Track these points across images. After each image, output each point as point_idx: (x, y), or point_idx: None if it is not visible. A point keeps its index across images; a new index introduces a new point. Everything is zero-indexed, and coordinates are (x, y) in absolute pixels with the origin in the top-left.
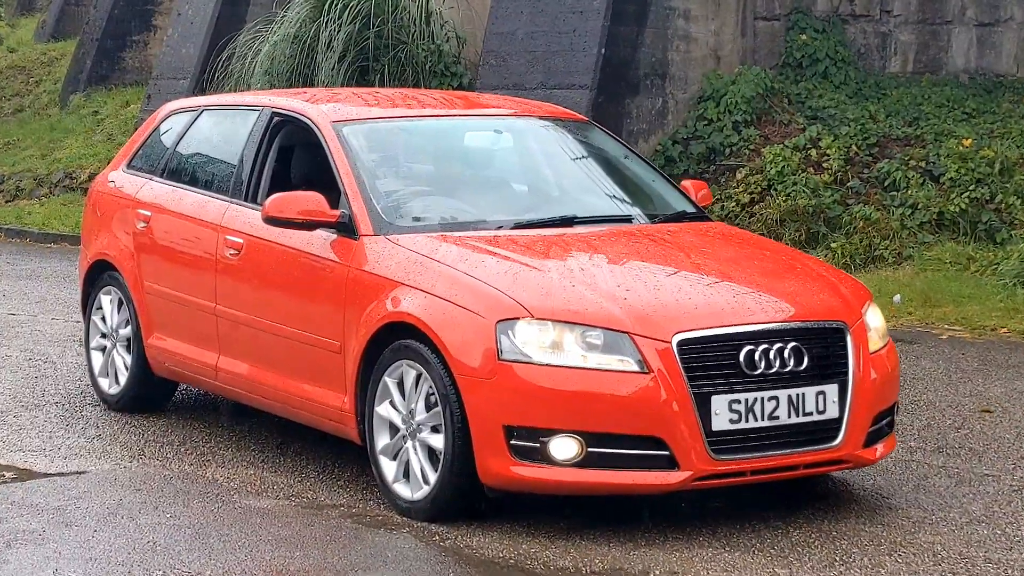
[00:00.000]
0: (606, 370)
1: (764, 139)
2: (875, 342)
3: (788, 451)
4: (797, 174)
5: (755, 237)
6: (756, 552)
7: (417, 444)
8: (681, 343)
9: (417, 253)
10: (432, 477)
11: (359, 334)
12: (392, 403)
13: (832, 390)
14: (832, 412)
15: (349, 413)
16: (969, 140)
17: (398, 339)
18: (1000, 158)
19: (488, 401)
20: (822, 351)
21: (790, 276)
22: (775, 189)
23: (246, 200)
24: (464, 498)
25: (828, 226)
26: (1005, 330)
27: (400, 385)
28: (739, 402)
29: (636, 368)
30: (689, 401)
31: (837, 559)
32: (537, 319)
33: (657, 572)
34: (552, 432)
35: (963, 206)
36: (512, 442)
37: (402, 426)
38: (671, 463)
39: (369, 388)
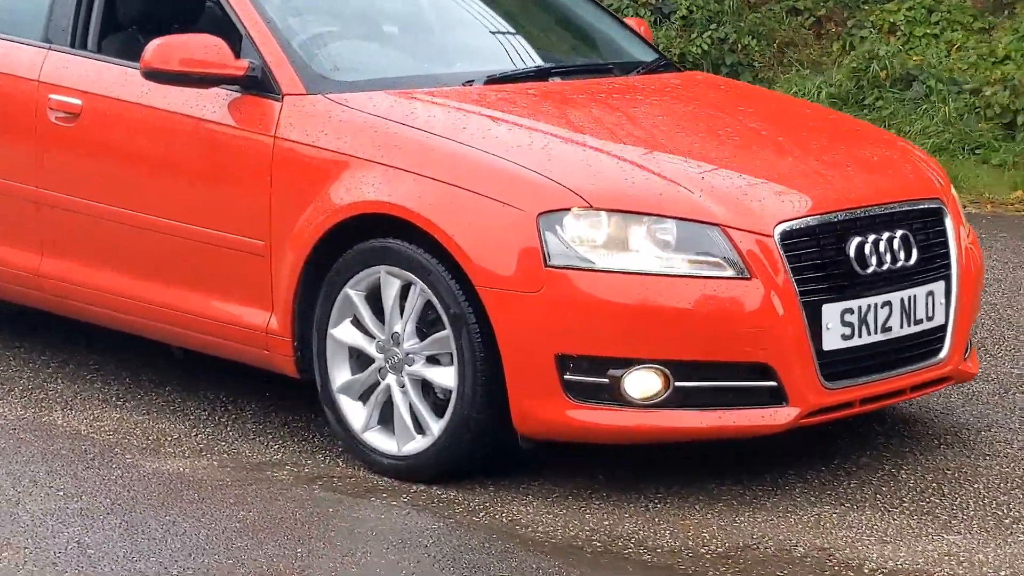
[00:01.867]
0: (695, 276)
1: None
2: (964, 225)
3: (898, 371)
4: None
5: (769, 91)
6: (891, 510)
7: (406, 380)
8: (785, 235)
9: (384, 119)
10: (434, 425)
11: (302, 231)
12: (359, 324)
13: (939, 289)
14: (939, 317)
15: (281, 337)
16: None
17: (370, 237)
18: None
19: (531, 323)
20: (924, 239)
21: (862, 143)
22: None
23: (73, 46)
24: (481, 452)
25: None
26: None
27: (372, 300)
28: (852, 311)
29: (732, 272)
30: (799, 313)
31: (1007, 516)
32: (595, 209)
33: (802, 549)
34: (627, 363)
35: (706, 47)
36: (567, 377)
37: (378, 355)
38: (778, 397)
39: (319, 304)
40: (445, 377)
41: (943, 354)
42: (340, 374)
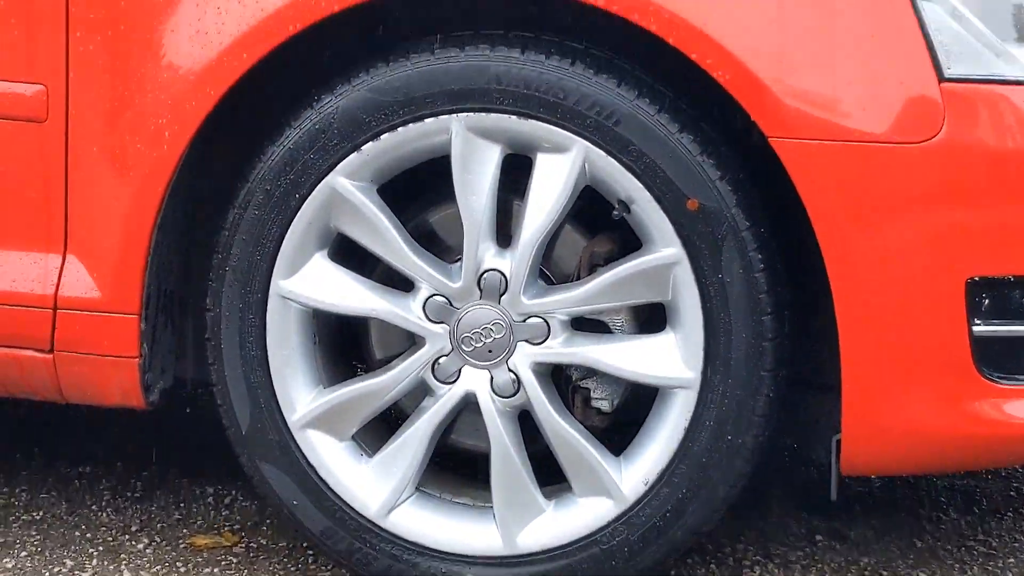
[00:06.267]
0: None
1: None
2: None
3: None
4: None
5: None
6: None
7: (524, 375)
8: None
9: None
10: (622, 475)
11: (184, 66)
12: (355, 262)
13: None
14: None
15: (105, 313)
16: None
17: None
18: None
19: (910, 213)
20: None
21: None
22: None
23: None
24: (715, 521)
25: None
26: None
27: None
28: None
29: None
30: None
31: None
32: None
33: None
34: None
35: None
36: (980, 330)
37: (431, 327)
38: None
39: (242, 225)
40: (652, 359)
41: None
42: (299, 388)
